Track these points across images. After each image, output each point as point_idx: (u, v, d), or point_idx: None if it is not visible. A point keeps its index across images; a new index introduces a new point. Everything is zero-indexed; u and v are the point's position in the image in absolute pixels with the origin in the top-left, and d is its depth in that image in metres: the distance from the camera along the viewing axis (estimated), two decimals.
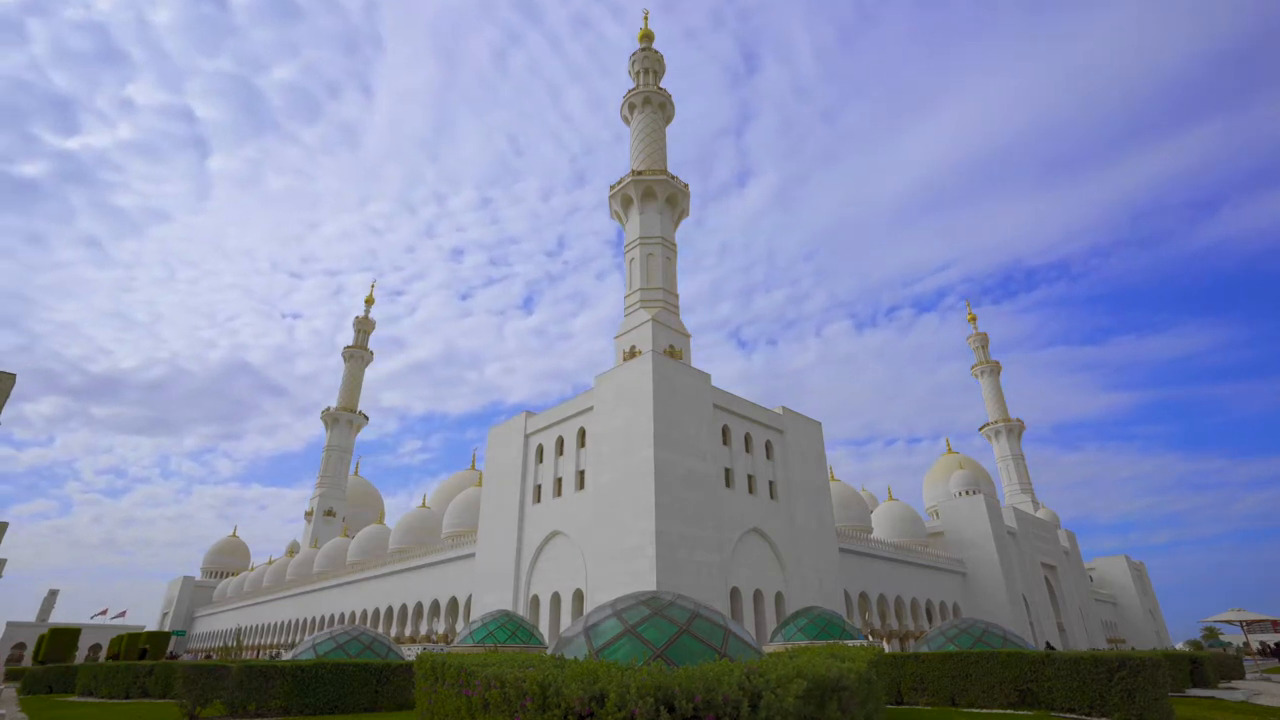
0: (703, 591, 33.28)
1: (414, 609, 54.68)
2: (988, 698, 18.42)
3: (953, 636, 22.54)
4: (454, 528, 58.74)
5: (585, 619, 12.08)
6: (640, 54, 61.94)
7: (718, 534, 36.50)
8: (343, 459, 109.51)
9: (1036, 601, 68.89)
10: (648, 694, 5.95)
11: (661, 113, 59.30)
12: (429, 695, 10.02)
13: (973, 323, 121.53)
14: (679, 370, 38.76)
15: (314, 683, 18.25)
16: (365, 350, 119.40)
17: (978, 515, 66.71)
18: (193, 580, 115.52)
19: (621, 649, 10.37)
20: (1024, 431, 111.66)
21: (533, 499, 43.29)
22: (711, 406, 39.93)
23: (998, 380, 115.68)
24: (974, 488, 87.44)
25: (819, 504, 46.44)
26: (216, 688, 18.33)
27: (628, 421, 36.75)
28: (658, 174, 53.48)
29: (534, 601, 40.30)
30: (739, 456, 41.35)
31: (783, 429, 45.40)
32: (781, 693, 6.16)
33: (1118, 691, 16.18)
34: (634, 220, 52.56)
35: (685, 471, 35.83)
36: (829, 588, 43.98)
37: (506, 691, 7.04)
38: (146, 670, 28.80)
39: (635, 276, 50.56)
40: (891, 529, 67.85)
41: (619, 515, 35.12)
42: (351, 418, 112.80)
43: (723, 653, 10.26)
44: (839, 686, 7.17)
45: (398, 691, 19.72)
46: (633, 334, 47.42)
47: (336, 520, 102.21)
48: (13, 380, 16.56)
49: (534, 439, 44.96)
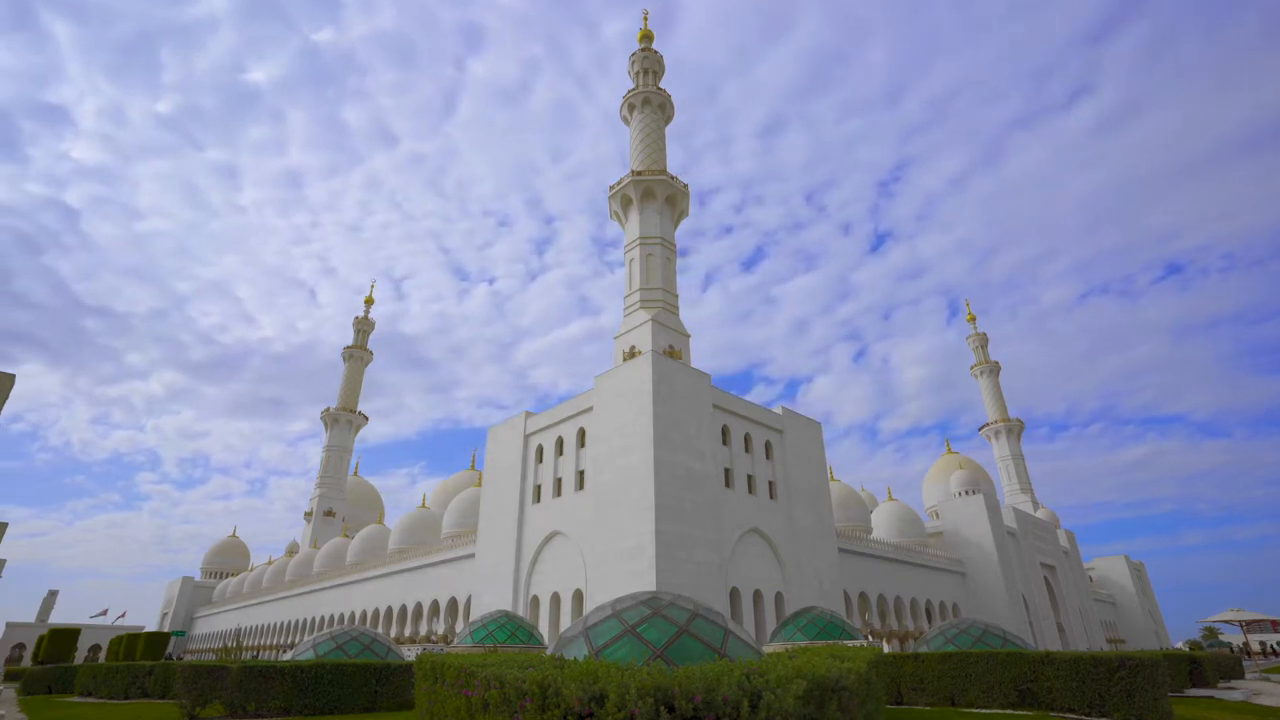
0: (702, 591, 33.26)
1: (414, 609, 54.65)
2: (987, 698, 18.44)
3: (952, 637, 22.54)
4: (454, 528, 58.72)
5: (585, 619, 12.08)
6: (640, 54, 61.96)
7: (717, 534, 36.49)
8: (343, 459, 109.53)
9: (1036, 602, 68.89)
10: (647, 694, 5.96)
11: (661, 113, 59.34)
12: (429, 695, 10.04)
13: (972, 323, 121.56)
14: (679, 370, 38.76)
15: (314, 683, 18.25)
16: (365, 350, 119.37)
17: (977, 515, 66.71)
18: (192, 580, 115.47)
19: (621, 649, 10.37)
20: (1023, 431, 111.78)
21: (532, 499, 43.29)
22: (711, 407, 39.93)
23: (997, 380, 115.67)
24: (974, 488, 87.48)
25: (818, 504, 46.44)
26: (216, 688, 18.33)
27: (628, 422, 36.74)
28: (657, 174, 53.53)
29: (534, 602, 40.29)
30: (739, 456, 41.35)
31: (782, 429, 45.42)
32: (781, 693, 6.17)
33: (1117, 691, 16.21)
34: (634, 220, 52.61)
35: (685, 471, 35.82)
36: (828, 588, 43.98)
37: (506, 692, 7.05)
38: (146, 670, 28.80)
39: (635, 276, 50.60)
40: (891, 529, 67.82)
41: (619, 515, 35.12)
42: (351, 418, 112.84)
43: (722, 653, 10.26)
44: (839, 687, 7.18)
45: (397, 692, 19.73)
46: (632, 334, 47.45)
47: (336, 520, 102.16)
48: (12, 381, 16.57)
49: (534, 439, 44.96)
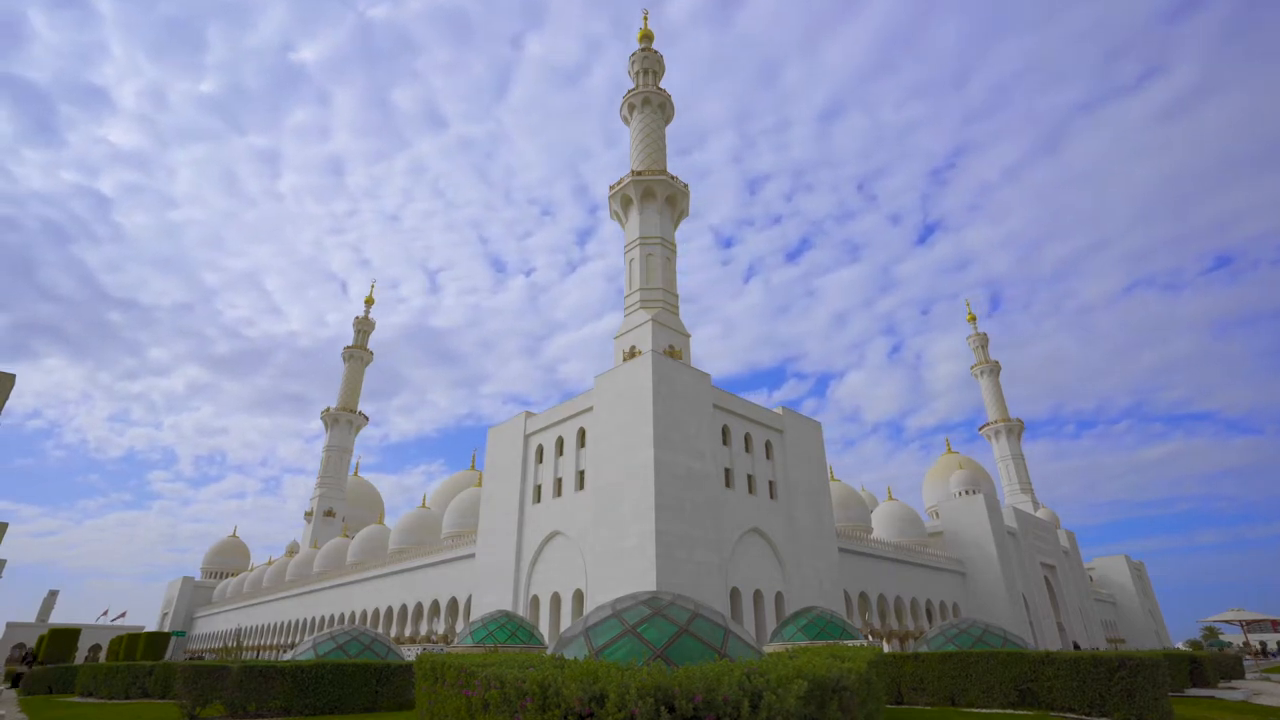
0: (702, 591, 33.25)
1: (414, 609, 54.65)
2: (987, 698, 18.43)
3: (952, 636, 22.54)
4: (454, 528, 58.72)
5: (585, 619, 12.07)
6: (640, 54, 61.94)
7: (717, 534, 36.49)
8: (343, 459, 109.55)
9: (1036, 601, 68.89)
10: (648, 694, 5.95)
11: (661, 113, 59.32)
12: (429, 695, 10.04)
13: (972, 323, 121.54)
14: (679, 370, 38.75)
15: (314, 683, 18.25)
16: (365, 350, 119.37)
17: (978, 515, 66.70)
18: (192, 581, 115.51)
19: (621, 649, 10.36)
20: (1023, 431, 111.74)
21: (533, 499, 43.28)
22: (711, 406, 39.92)
23: (997, 380, 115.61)
24: (974, 488, 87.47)
25: (819, 504, 46.44)
26: (216, 688, 18.32)
27: (628, 422, 36.73)
28: (657, 174, 53.51)
29: (534, 602, 40.28)
30: (739, 456, 41.34)
31: (782, 429, 45.41)
32: (782, 693, 6.16)
33: (1118, 691, 16.20)
34: (634, 220, 52.61)
35: (685, 471, 35.82)
36: (829, 588, 43.98)
37: (506, 692, 7.04)
38: (146, 670, 28.80)
39: (635, 276, 50.58)
40: (891, 529, 67.82)
41: (619, 515, 35.11)
42: (351, 418, 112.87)
43: (723, 653, 10.25)
44: (839, 687, 7.18)
45: (398, 692, 19.72)
46: (633, 334, 47.45)
47: (336, 520, 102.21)
48: (12, 381, 16.56)
49: (534, 439, 44.95)
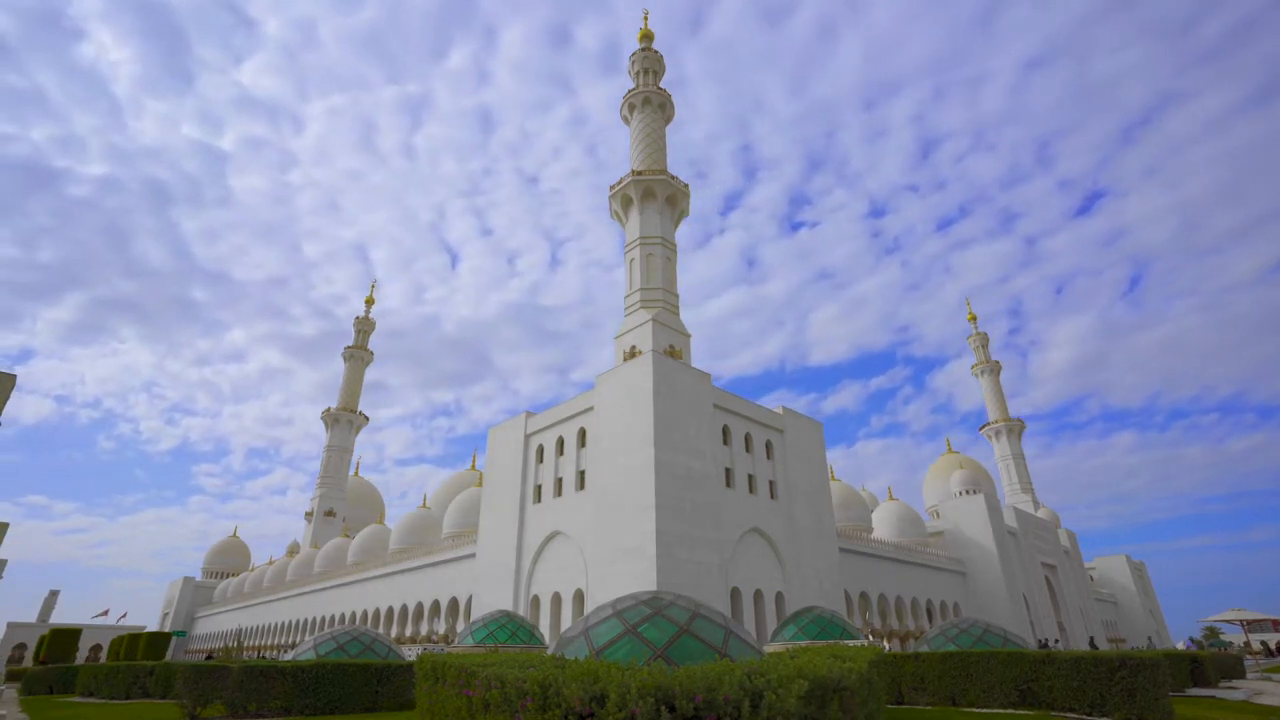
0: (703, 591, 33.24)
1: (414, 609, 54.64)
2: (988, 697, 18.42)
3: (953, 636, 22.53)
4: (454, 528, 58.69)
5: (585, 619, 12.07)
6: (640, 54, 61.95)
7: (718, 534, 36.48)
8: (343, 459, 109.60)
9: (1037, 601, 68.88)
10: (648, 694, 5.95)
11: (661, 113, 59.32)
12: (430, 695, 10.03)
13: (973, 322, 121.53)
14: (679, 370, 38.74)
15: (314, 683, 18.24)
16: (365, 350, 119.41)
17: (978, 515, 66.69)
18: (193, 581, 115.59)
19: (622, 649, 10.36)
20: (1024, 431, 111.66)
21: (533, 499, 43.28)
22: (711, 406, 39.91)
23: (998, 380, 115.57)
24: (974, 487, 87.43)
25: (819, 504, 46.43)
26: (217, 688, 18.32)
27: (628, 421, 36.73)
28: (657, 174, 53.52)
29: (534, 602, 40.28)
30: (739, 456, 41.33)
31: (783, 429, 45.41)
32: (783, 693, 6.16)
33: (1118, 691, 16.18)
34: (634, 220, 52.61)
35: (685, 471, 35.81)
36: (829, 587, 43.97)
37: (507, 692, 7.04)
38: (147, 671, 28.80)
39: (635, 276, 50.59)
40: (892, 529, 67.79)
41: (619, 515, 35.10)
42: (351, 418, 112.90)
43: (723, 653, 10.25)
44: (840, 686, 7.18)
45: (398, 692, 19.72)
46: (633, 334, 47.44)
47: (337, 520, 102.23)
48: (13, 381, 16.57)
49: (534, 439, 44.95)
